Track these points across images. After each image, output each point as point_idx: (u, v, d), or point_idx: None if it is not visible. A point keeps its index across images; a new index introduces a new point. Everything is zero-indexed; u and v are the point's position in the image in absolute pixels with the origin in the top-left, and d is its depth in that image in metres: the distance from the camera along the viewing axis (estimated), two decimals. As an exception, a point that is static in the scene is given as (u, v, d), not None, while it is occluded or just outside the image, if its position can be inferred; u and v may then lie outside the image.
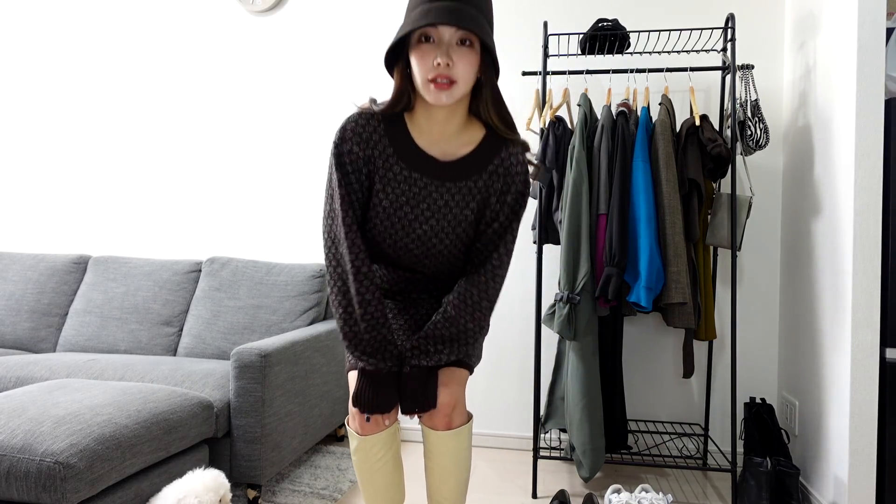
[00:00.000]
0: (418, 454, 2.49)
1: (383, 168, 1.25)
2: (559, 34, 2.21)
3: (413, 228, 1.27)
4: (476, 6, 1.14)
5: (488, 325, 1.40)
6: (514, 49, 2.61)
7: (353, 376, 1.32)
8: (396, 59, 1.22)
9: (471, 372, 1.37)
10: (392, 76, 1.22)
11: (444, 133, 1.25)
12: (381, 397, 1.24)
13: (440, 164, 1.25)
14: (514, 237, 1.31)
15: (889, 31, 1.88)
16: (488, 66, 1.18)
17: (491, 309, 1.32)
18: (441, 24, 1.09)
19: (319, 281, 2.53)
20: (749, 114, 2.05)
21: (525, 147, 1.30)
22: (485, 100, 1.22)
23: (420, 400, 1.27)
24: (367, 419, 1.28)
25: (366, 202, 1.27)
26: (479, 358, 1.42)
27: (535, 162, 1.32)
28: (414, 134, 1.25)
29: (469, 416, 1.37)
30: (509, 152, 1.27)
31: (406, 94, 1.22)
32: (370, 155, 1.24)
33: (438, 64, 1.12)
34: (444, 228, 1.27)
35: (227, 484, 1.61)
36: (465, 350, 1.32)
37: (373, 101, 1.27)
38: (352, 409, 1.32)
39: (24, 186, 3.10)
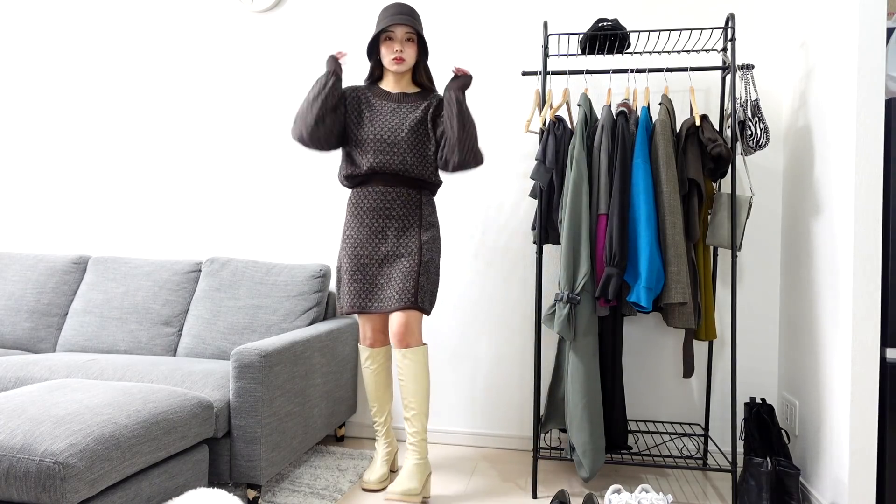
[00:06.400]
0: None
1: (365, 102, 2.13)
2: (559, 34, 2.21)
3: (388, 126, 2.08)
4: (414, 17, 2.09)
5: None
6: (514, 49, 2.61)
7: (361, 318, 2.18)
8: (371, 51, 2.17)
9: (427, 313, 2.07)
10: (370, 60, 2.18)
11: (399, 87, 2.17)
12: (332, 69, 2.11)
13: (399, 94, 2.15)
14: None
15: (889, 31, 1.88)
16: (422, 51, 2.15)
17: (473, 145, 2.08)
18: (396, 24, 2.05)
19: (319, 281, 2.53)
20: (749, 114, 2.05)
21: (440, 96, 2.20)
22: (421, 70, 2.17)
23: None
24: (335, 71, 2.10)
25: (343, 127, 2.13)
26: (431, 304, 2.08)
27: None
28: (383, 87, 2.18)
29: (423, 344, 2.10)
30: (435, 94, 2.18)
31: (376, 69, 2.19)
32: (354, 98, 2.16)
33: (397, 50, 2.07)
34: (404, 125, 2.08)
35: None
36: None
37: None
38: (363, 331, 2.18)
39: (24, 186, 3.10)
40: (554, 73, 2.22)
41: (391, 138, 2.06)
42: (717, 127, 2.36)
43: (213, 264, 2.63)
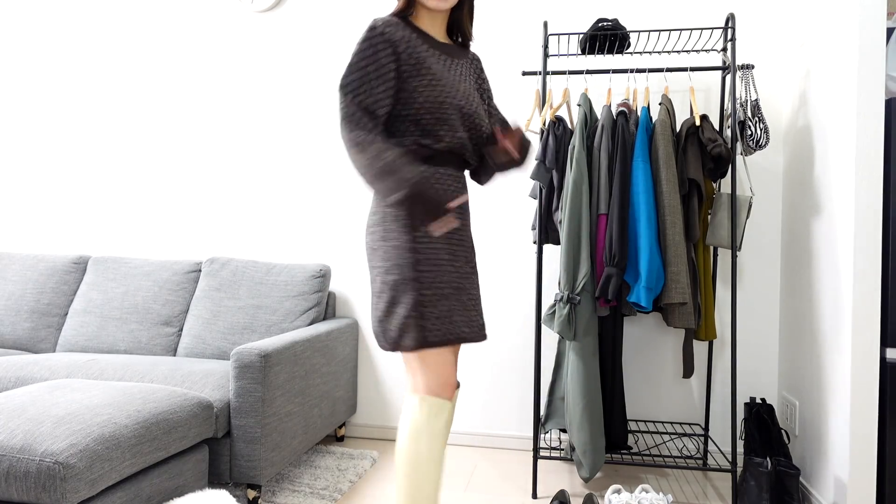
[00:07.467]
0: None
1: (423, 50, 1.50)
2: (559, 34, 2.21)
3: (455, 86, 1.52)
4: None
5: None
6: (514, 49, 2.61)
7: (432, 353, 1.45)
8: None
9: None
10: None
11: (436, 31, 1.59)
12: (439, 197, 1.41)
13: (443, 44, 1.58)
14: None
15: (889, 31, 1.88)
16: None
17: None
18: None
19: (319, 281, 2.53)
20: (749, 114, 2.05)
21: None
22: (465, 11, 1.60)
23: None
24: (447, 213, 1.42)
25: (396, 90, 1.48)
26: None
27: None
28: (424, 30, 1.57)
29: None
30: (474, 55, 1.68)
31: (409, 5, 1.53)
32: (407, 41, 1.50)
33: None
34: (474, 89, 1.59)
35: None
36: None
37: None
38: (445, 374, 1.46)
39: (24, 186, 3.10)
40: (554, 73, 2.22)
41: (470, 108, 1.52)
42: (717, 127, 2.36)
43: (213, 264, 2.63)
